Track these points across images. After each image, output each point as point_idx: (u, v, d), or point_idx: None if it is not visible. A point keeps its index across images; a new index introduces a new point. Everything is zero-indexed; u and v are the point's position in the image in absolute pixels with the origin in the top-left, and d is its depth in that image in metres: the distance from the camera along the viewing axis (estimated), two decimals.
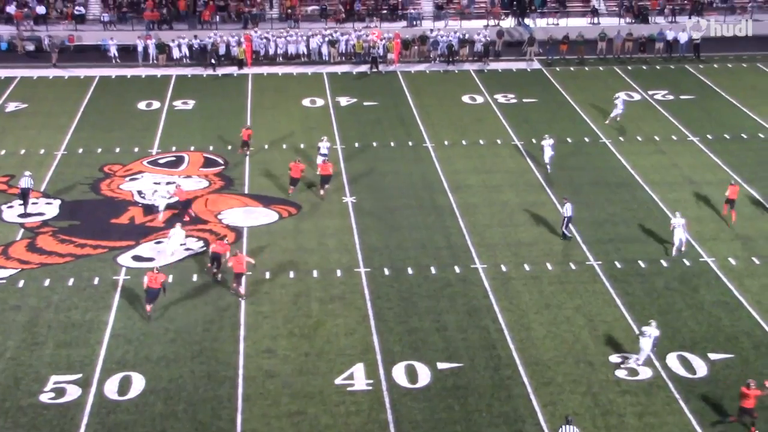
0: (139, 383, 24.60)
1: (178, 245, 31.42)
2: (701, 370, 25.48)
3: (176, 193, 34.80)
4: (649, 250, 32.06)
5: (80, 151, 40.50)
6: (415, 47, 55.16)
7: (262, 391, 24.42)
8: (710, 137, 42.61)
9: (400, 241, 32.65)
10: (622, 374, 25.18)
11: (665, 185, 37.24)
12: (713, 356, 26.07)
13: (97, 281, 29.72)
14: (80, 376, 24.89)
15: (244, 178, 37.82)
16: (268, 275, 30.21)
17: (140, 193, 36.23)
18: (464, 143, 41.78)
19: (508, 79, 51.80)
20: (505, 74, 52.68)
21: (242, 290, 28.82)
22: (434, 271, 30.63)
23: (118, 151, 40.52)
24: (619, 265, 31.06)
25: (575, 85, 50.45)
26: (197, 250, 31.71)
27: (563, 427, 21.74)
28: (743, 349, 26.48)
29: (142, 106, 46.65)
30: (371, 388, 24.57)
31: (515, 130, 43.37)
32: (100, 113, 45.49)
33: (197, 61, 53.61)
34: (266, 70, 52.91)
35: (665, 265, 31.08)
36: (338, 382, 24.80)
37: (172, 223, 32.74)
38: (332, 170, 36.33)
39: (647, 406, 23.97)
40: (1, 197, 35.63)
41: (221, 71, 52.26)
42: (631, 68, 53.59)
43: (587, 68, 53.77)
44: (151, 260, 30.75)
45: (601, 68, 53.73)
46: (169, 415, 23.46)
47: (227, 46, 53.42)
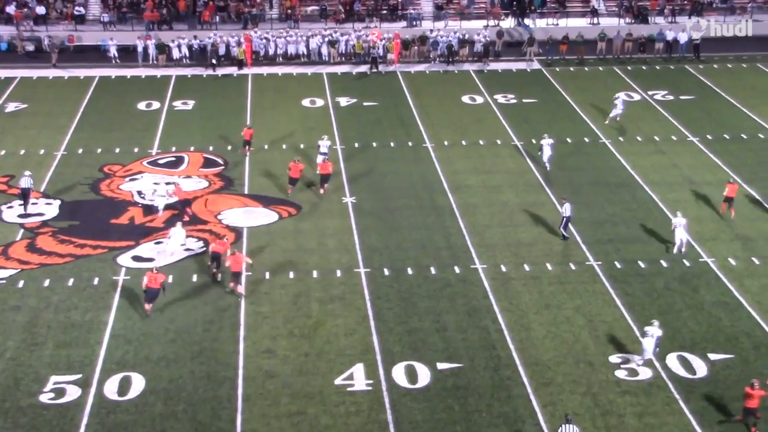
0: (138, 383, 24.60)
1: (178, 245, 31.43)
2: (701, 370, 25.47)
3: (175, 192, 34.83)
4: (649, 250, 32.05)
5: (80, 151, 40.50)
6: (414, 47, 55.15)
7: (261, 391, 24.41)
8: (710, 137, 42.60)
9: (399, 241, 32.65)
10: (621, 374, 25.17)
11: (665, 185, 37.23)
12: (713, 356, 26.06)
13: (96, 281, 29.71)
14: (80, 376, 24.88)
15: (243, 178, 37.81)
16: (267, 275, 30.21)
17: (140, 193, 36.23)
18: (464, 143, 41.78)
19: (507, 79, 51.79)
20: (504, 74, 52.68)
21: (240, 289, 28.81)
22: (434, 271, 30.62)
23: (117, 151, 40.52)
24: (618, 265, 31.06)
25: (575, 85, 50.44)
26: (197, 250, 31.71)
27: (563, 426, 21.73)
28: (743, 349, 26.47)
29: (141, 106, 46.64)
30: (371, 388, 24.57)
31: (515, 130, 43.36)
32: (99, 113, 45.48)
33: (197, 61, 53.64)
34: (266, 70, 52.91)
35: (665, 265, 31.07)
36: (338, 382, 24.79)
37: (171, 223, 32.77)
38: (332, 169, 36.37)
39: (647, 406, 23.96)
40: (0, 197, 35.63)
41: (221, 71, 52.27)
42: (630, 68, 53.59)
43: (587, 68, 53.76)
44: (151, 260, 30.75)
45: (600, 68, 53.73)
46: (169, 415, 23.46)
47: (227, 46, 53.41)
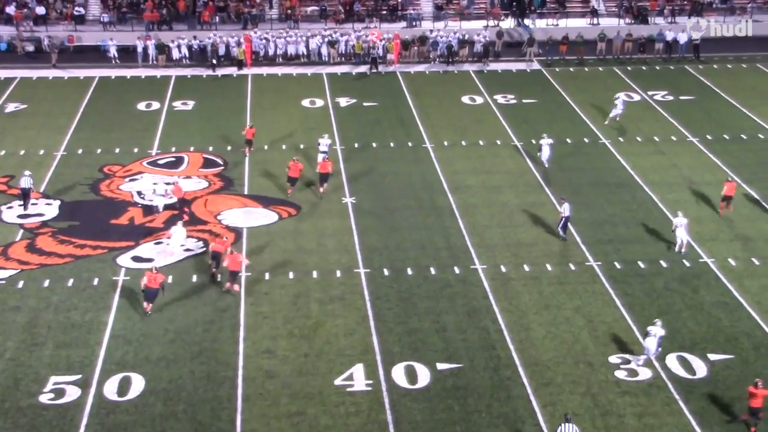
0: (138, 384, 24.60)
1: (179, 243, 31.42)
2: (701, 370, 25.47)
3: (173, 191, 34.83)
4: (648, 250, 32.05)
5: (80, 151, 40.49)
6: (414, 48, 55.14)
7: (261, 391, 24.41)
8: (710, 138, 42.60)
9: (399, 241, 32.64)
10: (621, 375, 25.17)
11: (665, 186, 37.23)
12: (713, 357, 26.06)
13: (96, 282, 29.71)
14: (80, 376, 24.88)
15: (243, 178, 37.81)
16: (267, 276, 30.20)
17: (140, 193, 36.23)
18: (464, 144, 41.78)
19: (507, 79, 51.79)
20: (504, 75, 52.68)
21: (236, 288, 28.80)
22: (434, 271, 30.62)
23: (117, 151, 40.52)
24: (618, 265, 31.05)
25: (575, 85, 50.44)
26: (196, 250, 31.71)
27: (562, 425, 21.72)
28: (743, 349, 26.47)
29: (141, 106, 46.64)
30: (371, 388, 24.57)
31: (515, 130, 43.36)
32: (99, 114, 45.48)
33: (197, 61, 53.65)
34: (266, 70, 52.91)
35: (665, 265, 31.07)
36: (338, 382, 24.79)
37: (171, 223, 32.76)
38: (331, 169, 36.37)
39: (647, 406, 23.96)
40: (0, 198, 35.62)
41: (220, 72, 52.27)
42: (630, 69, 53.58)
43: (587, 69, 53.76)
44: (150, 261, 30.74)
45: (600, 69, 53.73)
46: (168, 415, 23.46)
47: (227, 46, 53.41)
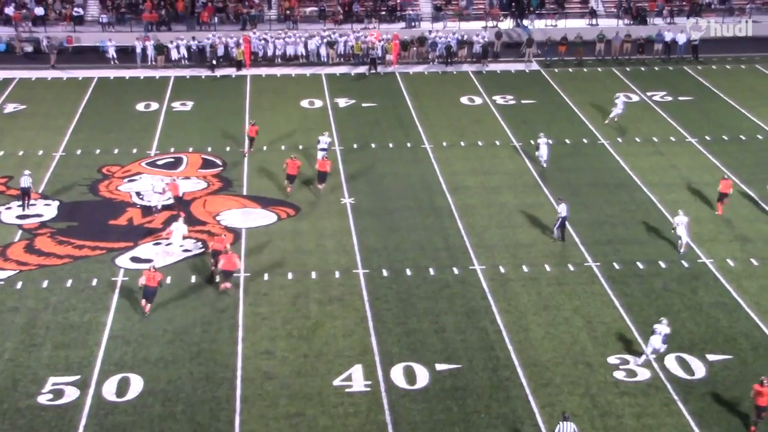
0: (137, 384, 24.58)
1: (180, 240, 31.44)
2: (699, 371, 25.46)
3: (170, 188, 34.84)
4: (647, 251, 32.06)
5: (78, 152, 40.49)
6: (413, 48, 55.15)
7: (260, 392, 24.40)
8: (708, 138, 42.61)
9: (398, 242, 32.64)
10: (620, 375, 25.16)
11: (663, 186, 37.23)
12: (712, 357, 26.05)
13: (95, 282, 29.70)
14: (78, 377, 24.86)
15: (242, 179, 37.80)
16: (266, 277, 30.19)
17: (139, 194, 36.22)
18: (463, 144, 41.78)
19: (506, 80, 51.80)
20: (503, 75, 52.69)
21: (228, 285, 28.81)
22: (433, 272, 30.61)
23: (116, 152, 40.52)
24: (617, 266, 31.05)
25: (574, 86, 50.45)
26: (195, 251, 31.70)
27: (561, 423, 21.73)
28: (742, 350, 26.46)
29: (140, 107, 46.64)
30: (370, 389, 24.56)
31: (514, 131, 43.36)
32: (98, 114, 45.47)
33: (196, 62, 53.65)
34: (265, 71, 52.91)
35: (664, 266, 31.08)
36: (336, 383, 24.78)
37: (170, 224, 32.74)
38: (330, 168, 36.39)
39: (645, 407, 23.96)
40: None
41: (219, 72, 52.26)
42: (629, 69, 53.60)
43: (586, 69, 53.78)
44: (149, 262, 30.70)
45: (599, 69, 53.75)
46: (167, 416, 23.44)
47: (226, 47, 53.40)
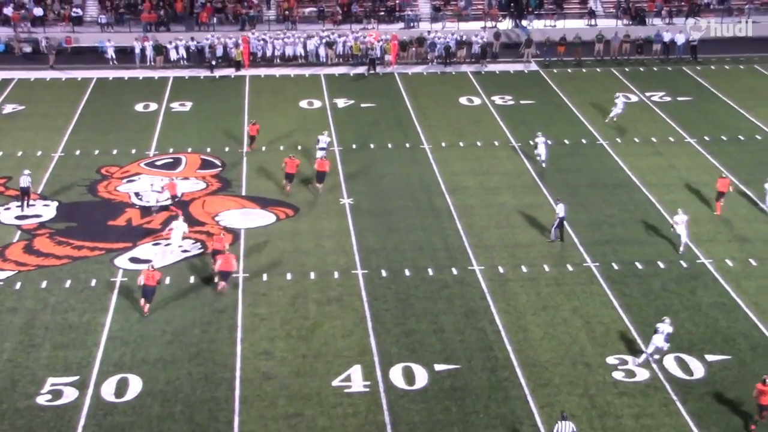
0: (136, 385, 24.57)
1: (180, 238, 31.46)
2: (698, 371, 25.46)
3: (167, 187, 34.84)
4: (646, 251, 32.06)
5: (77, 152, 40.47)
6: (412, 49, 55.14)
7: (259, 392, 24.40)
8: (707, 139, 42.62)
9: (397, 242, 32.64)
10: (619, 376, 25.16)
11: (662, 187, 37.23)
12: (710, 358, 26.06)
13: (94, 283, 29.69)
14: (77, 378, 24.85)
15: (241, 179, 37.80)
16: (265, 277, 30.19)
17: (137, 194, 36.22)
18: (461, 145, 41.78)
19: (505, 80, 51.81)
20: (502, 76, 52.70)
21: (222, 285, 28.81)
22: (431, 272, 30.61)
23: (115, 152, 40.51)
24: (616, 266, 31.06)
25: (572, 86, 50.45)
26: (195, 252, 31.69)
27: (559, 423, 21.74)
28: (740, 350, 26.46)
29: (139, 107, 46.63)
30: (368, 389, 24.56)
31: (512, 131, 43.36)
32: (97, 115, 45.46)
33: (194, 62, 53.64)
34: (263, 71, 52.91)
35: (662, 266, 31.08)
36: (335, 383, 24.78)
37: (169, 224, 32.79)
38: (328, 168, 36.43)
39: (644, 407, 23.96)
40: None
41: (218, 73, 52.26)
42: (628, 70, 53.61)
43: (584, 70, 53.79)
44: (148, 262, 30.69)
45: (598, 70, 53.75)
46: (166, 416, 23.44)
47: (224, 47, 53.40)
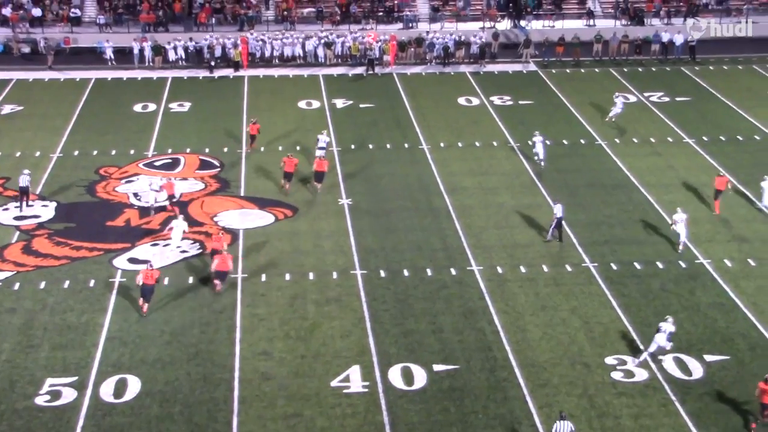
0: (134, 386, 24.56)
1: (180, 237, 31.47)
2: (697, 371, 25.47)
3: (165, 186, 34.85)
4: (644, 251, 32.07)
5: (76, 153, 40.46)
6: (411, 49, 55.15)
7: (258, 393, 24.39)
8: (706, 139, 42.64)
9: (395, 243, 32.64)
10: (617, 376, 25.17)
11: (661, 187, 37.25)
12: (709, 358, 26.07)
13: (92, 283, 29.68)
14: (76, 378, 24.84)
15: (240, 180, 37.81)
16: (264, 277, 30.19)
17: (136, 195, 36.21)
18: (460, 145, 41.79)
19: (504, 80, 51.82)
20: (501, 76, 52.71)
21: (218, 284, 28.84)
22: (430, 273, 30.61)
23: (113, 153, 40.49)
24: (614, 266, 31.06)
25: (571, 87, 50.47)
26: (193, 252, 31.68)
27: (557, 423, 21.76)
28: (739, 350, 26.47)
29: (138, 108, 46.62)
30: (367, 390, 24.55)
31: (511, 132, 43.37)
32: (95, 115, 45.45)
33: (193, 63, 53.64)
34: (262, 72, 52.91)
35: (661, 266, 31.09)
36: (334, 384, 24.78)
37: (167, 225, 32.81)
38: (327, 167, 36.45)
39: (643, 407, 23.96)
40: None
41: (217, 73, 52.24)
42: (626, 70, 53.63)
43: (583, 70, 53.80)
44: (147, 263, 30.67)
45: (596, 70, 53.77)
46: (164, 417, 23.43)
47: (223, 48, 53.40)
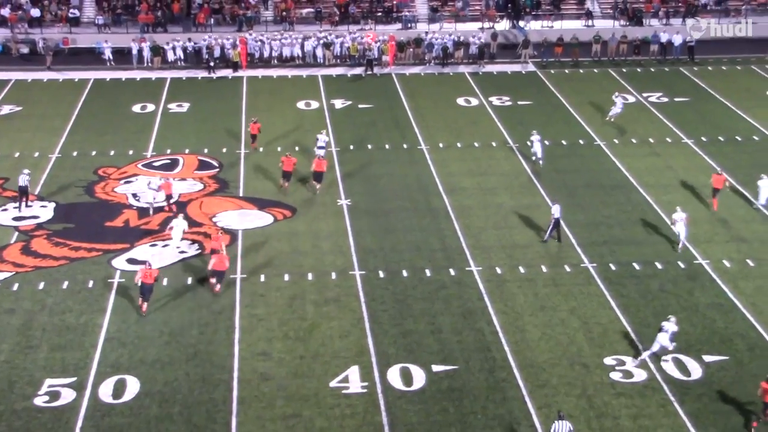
0: (133, 386, 24.56)
1: (181, 236, 31.49)
2: (696, 372, 25.49)
3: (162, 186, 34.86)
4: (643, 252, 32.09)
5: (75, 153, 40.45)
6: (409, 49, 55.15)
7: (257, 393, 24.40)
8: (704, 139, 42.67)
9: (394, 243, 32.64)
10: (616, 376, 25.18)
11: (660, 187, 37.26)
12: (708, 358, 26.09)
13: (91, 284, 29.67)
14: (75, 379, 24.84)
15: (238, 180, 37.80)
16: (263, 278, 30.19)
17: (135, 195, 36.20)
18: (459, 145, 41.80)
19: (502, 81, 51.83)
20: (499, 76, 52.72)
21: (213, 282, 28.84)
22: (429, 273, 30.62)
23: (112, 153, 40.48)
24: (613, 267, 31.08)
25: (570, 87, 50.48)
26: (192, 253, 31.68)
27: (556, 422, 21.79)
28: (738, 351, 26.50)
29: (136, 108, 46.61)
30: (366, 390, 24.56)
31: (510, 132, 43.38)
32: (94, 116, 45.43)
33: (192, 63, 53.63)
34: (261, 72, 52.90)
35: (660, 267, 31.11)
36: (333, 384, 24.78)
37: (166, 225, 32.80)
38: (326, 167, 36.48)
39: (642, 408, 23.97)
40: None
41: (215, 74, 52.18)
42: (625, 70, 53.65)
43: (582, 71, 53.81)
44: (145, 263, 30.69)
45: (595, 70, 53.78)
46: (163, 418, 23.43)
47: (222, 48, 53.38)
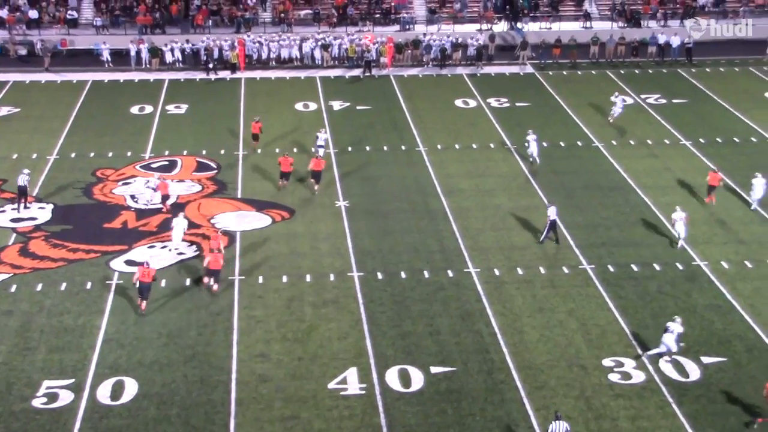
0: (131, 388, 24.55)
1: (181, 235, 31.53)
2: (694, 373, 25.50)
3: (159, 186, 34.86)
4: (641, 253, 32.10)
5: (73, 155, 40.43)
6: (408, 51, 55.18)
7: (255, 395, 24.38)
8: (702, 141, 42.69)
9: (393, 245, 32.64)
10: (615, 378, 25.19)
11: (658, 189, 37.29)
12: (706, 360, 26.09)
13: (89, 286, 29.65)
14: (73, 381, 24.81)
15: (237, 182, 37.79)
16: (261, 279, 30.18)
17: (133, 197, 36.19)
18: (457, 147, 41.81)
19: (501, 83, 51.85)
20: (498, 78, 52.74)
21: (206, 280, 28.85)
22: (427, 275, 30.62)
23: (110, 155, 40.46)
24: (611, 268, 31.09)
25: (568, 89, 50.52)
26: (190, 254, 31.67)
27: (553, 423, 21.79)
28: (736, 352, 26.51)
29: (134, 110, 46.59)
30: (364, 392, 24.55)
31: (508, 134, 43.40)
32: (92, 118, 45.42)
33: (190, 65, 53.62)
34: (259, 74, 52.90)
35: (658, 268, 31.12)
36: (331, 386, 24.77)
37: (165, 227, 32.80)
38: (324, 166, 36.52)
39: (640, 409, 23.98)
40: None
41: (214, 75, 52.17)
42: (623, 72, 53.69)
43: (580, 72, 53.85)
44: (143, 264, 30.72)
45: (593, 72, 53.82)
46: (162, 419, 23.42)
47: (220, 50, 53.39)
